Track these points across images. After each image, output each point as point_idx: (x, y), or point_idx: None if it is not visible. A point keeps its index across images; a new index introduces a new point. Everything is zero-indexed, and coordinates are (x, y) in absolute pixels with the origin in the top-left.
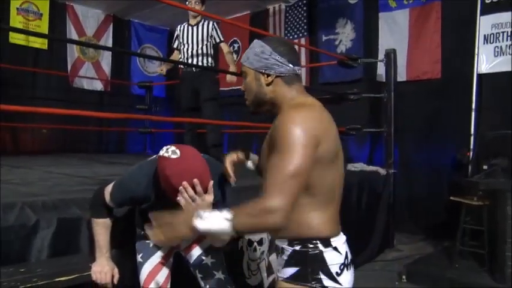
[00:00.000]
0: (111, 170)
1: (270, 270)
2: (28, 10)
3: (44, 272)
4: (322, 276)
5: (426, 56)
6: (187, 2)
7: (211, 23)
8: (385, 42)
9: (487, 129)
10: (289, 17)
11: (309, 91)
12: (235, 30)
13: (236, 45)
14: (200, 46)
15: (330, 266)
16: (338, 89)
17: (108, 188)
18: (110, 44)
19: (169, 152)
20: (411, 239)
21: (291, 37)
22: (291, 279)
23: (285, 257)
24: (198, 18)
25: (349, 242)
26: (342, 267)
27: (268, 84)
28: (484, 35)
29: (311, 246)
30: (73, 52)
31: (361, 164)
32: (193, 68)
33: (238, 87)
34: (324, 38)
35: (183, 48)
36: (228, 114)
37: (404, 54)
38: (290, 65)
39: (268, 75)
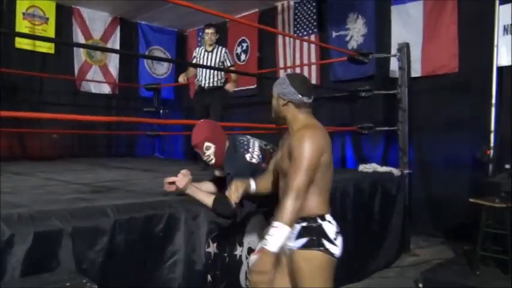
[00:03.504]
0: (114, 176)
1: None
2: (34, 15)
3: None
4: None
5: (442, 50)
6: (205, 34)
7: (224, 49)
8: (398, 37)
9: (508, 125)
10: (298, 14)
11: (320, 90)
12: (243, 29)
13: (245, 45)
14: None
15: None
16: (350, 87)
17: None
18: (117, 47)
19: None
20: (429, 242)
21: (300, 34)
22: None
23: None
24: (214, 45)
25: (361, 247)
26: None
27: (283, 106)
28: (504, 26)
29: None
30: (80, 56)
31: (374, 164)
32: (205, 87)
33: (247, 87)
34: (335, 34)
35: (199, 69)
36: (238, 113)
37: (419, 48)
38: (299, 96)
39: (283, 100)
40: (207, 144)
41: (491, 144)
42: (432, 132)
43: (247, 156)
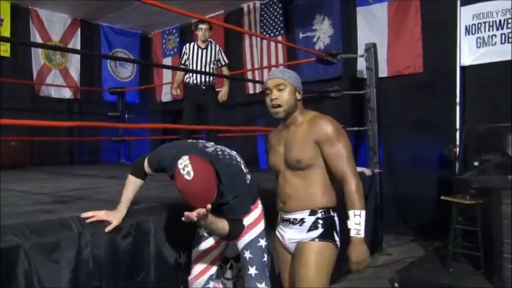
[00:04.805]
0: (78, 184)
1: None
2: None
3: None
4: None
5: (407, 50)
6: (198, 29)
7: (217, 46)
8: (364, 38)
9: (472, 123)
10: (265, 15)
11: None
12: None
13: None
14: (208, 67)
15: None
16: (317, 88)
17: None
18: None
19: (185, 170)
20: (400, 240)
21: (267, 35)
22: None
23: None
24: (207, 42)
25: None
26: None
27: (298, 100)
28: (466, 26)
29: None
30: (38, 59)
31: None
32: (201, 85)
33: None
34: (301, 35)
35: (191, 66)
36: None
37: (385, 49)
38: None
39: (299, 94)
40: (216, 193)
41: (457, 142)
42: (400, 131)
43: (243, 167)
